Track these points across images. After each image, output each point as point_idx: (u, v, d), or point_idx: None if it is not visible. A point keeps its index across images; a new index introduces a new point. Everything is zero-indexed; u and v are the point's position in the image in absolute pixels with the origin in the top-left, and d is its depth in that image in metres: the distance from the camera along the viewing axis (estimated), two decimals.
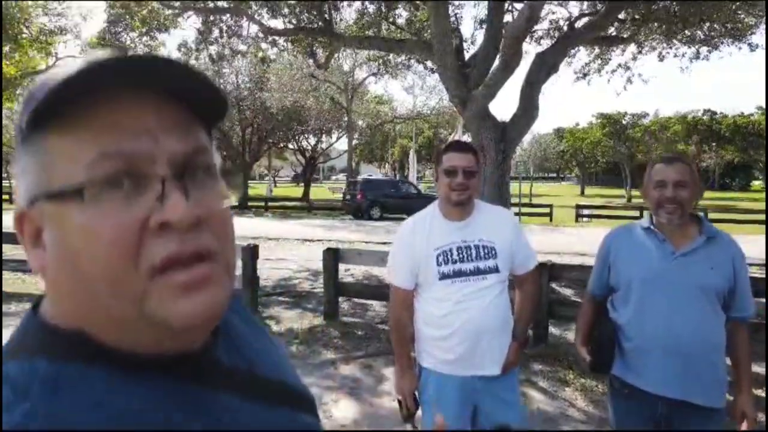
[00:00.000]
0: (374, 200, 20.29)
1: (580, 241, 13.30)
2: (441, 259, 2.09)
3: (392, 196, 20.69)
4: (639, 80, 10.80)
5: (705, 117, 44.70)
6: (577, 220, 20.50)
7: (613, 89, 12.36)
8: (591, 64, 10.28)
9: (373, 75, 21.42)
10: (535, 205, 23.78)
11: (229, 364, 0.58)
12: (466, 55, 7.66)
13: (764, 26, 8.39)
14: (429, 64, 10.03)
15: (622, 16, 8.07)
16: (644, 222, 2.07)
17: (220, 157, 0.57)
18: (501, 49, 6.46)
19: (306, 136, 29.88)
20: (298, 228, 16.35)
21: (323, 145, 31.93)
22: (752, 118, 43.23)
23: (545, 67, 6.89)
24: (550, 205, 21.42)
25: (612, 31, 8.60)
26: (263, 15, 9.07)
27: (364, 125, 33.02)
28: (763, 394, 3.96)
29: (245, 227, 14.17)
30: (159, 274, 0.47)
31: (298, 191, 33.40)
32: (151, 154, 0.48)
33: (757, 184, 59.20)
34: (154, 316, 0.48)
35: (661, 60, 9.87)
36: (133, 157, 0.47)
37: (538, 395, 4.10)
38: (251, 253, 6.15)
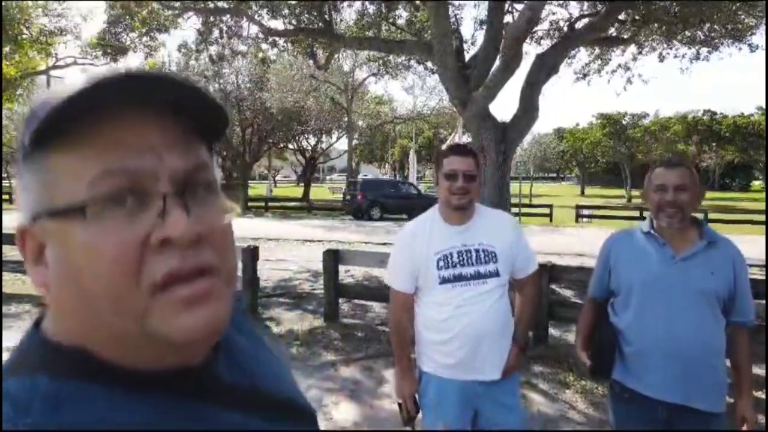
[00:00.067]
0: (374, 200, 20.27)
1: (580, 241, 13.30)
2: (441, 264, 2.08)
3: (392, 196, 20.68)
4: (639, 81, 10.82)
5: (705, 117, 44.68)
6: (577, 221, 20.45)
7: (613, 90, 12.36)
8: (591, 65, 10.28)
9: (373, 75, 21.44)
10: (535, 205, 23.76)
11: (231, 380, 0.58)
12: (467, 56, 7.65)
13: (764, 27, 8.39)
14: (429, 65, 10.03)
15: (622, 17, 8.06)
16: (644, 226, 2.07)
17: (221, 172, 0.57)
18: (501, 50, 6.45)
19: (306, 136, 29.89)
20: (298, 228, 16.35)
21: (323, 146, 31.94)
22: (752, 118, 43.21)
23: (545, 68, 6.88)
24: (550, 206, 21.38)
25: (612, 31, 8.59)
26: (263, 16, 9.07)
27: (364, 125, 33.01)
28: (764, 396, 3.96)
29: (245, 228, 14.16)
30: (161, 290, 0.47)
31: (298, 191, 33.41)
32: (154, 171, 0.48)
33: (757, 184, 59.19)
34: (156, 332, 0.48)
35: (662, 61, 9.86)
36: (136, 174, 0.48)
37: (538, 397, 4.10)
38: (251, 255, 6.16)
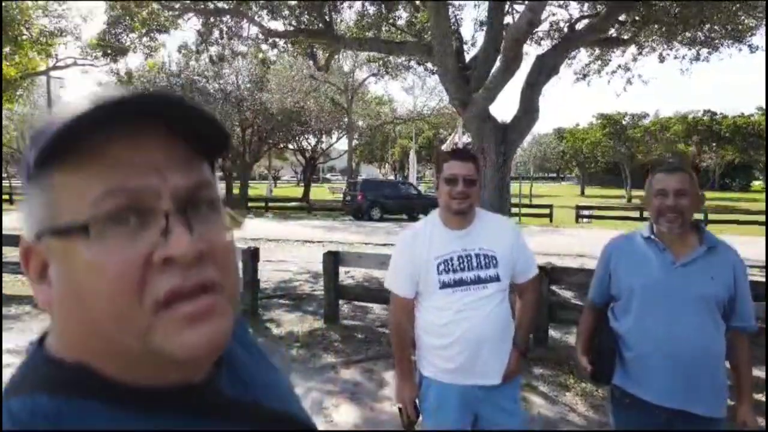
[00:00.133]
0: (374, 201, 20.27)
1: (580, 242, 13.30)
2: (442, 268, 2.08)
3: (392, 196, 20.68)
4: (639, 81, 10.79)
5: (705, 117, 44.64)
6: (577, 221, 20.44)
7: (613, 90, 12.36)
8: (591, 65, 10.29)
9: (373, 76, 21.44)
10: (535, 205, 23.75)
11: (233, 395, 0.58)
12: (467, 57, 7.65)
13: (764, 28, 8.39)
14: (429, 66, 10.03)
15: (622, 17, 8.06)
16: (645, 231, 2.07)
17: (223, 190, 0.57)
18: (502, 52, 6.45)
19: (306, 136, 29.89)
20: (299, 229, 16.35)
21: (323, 146, 31.94)
22: (752, 118, 43.18)
23: (545, 69, 6.89)
24: (550, 206, 21.39)
25: (612, 32, 8.59)
26: (263, 17, 9.07)
27: (365, 126, 33.02)
28: (763, 399, 3.96)
29: (245, 228, 14.06)
30: (163, 308, 0.48)
31: (298, 191, 33.41)
32: (156, 190, 0.49)
33: (757, 184, 59.21)
34: (159, 349, 0.48)
35: (662, 61, 9.86)
36: (138, 193, 0.48)
37: (538, 400, 4.09)
38: (252, 256, 6.17)
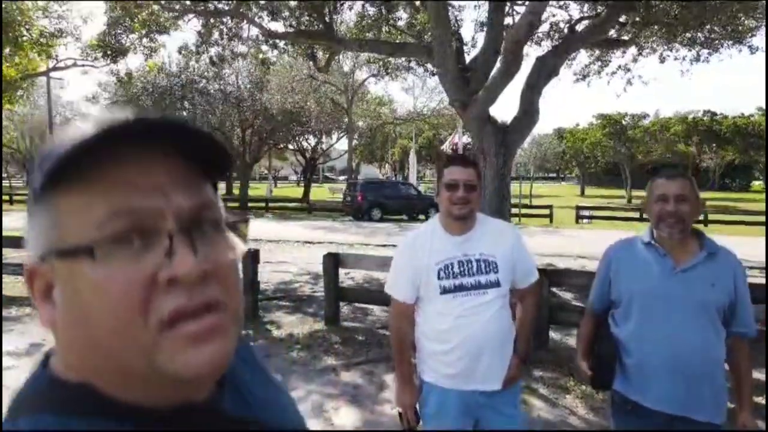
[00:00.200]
0: (374, 201, 20.27)
1: (581, 242, 13.29)
2: (442, 274, 2.08)
3: (392, 197, 20.68)
4: (639, 82, 10.80)
5: (705, 118, 44.64)
6: (577, 222, 20.42)
7: (613, 91, 12.37)
8: (591, 66, 10.29)
9: (374, 76, 21.42)
10: (535, 206, 23.72)
11: (235, 414, 0.58)
12: (467, 59, 7.65)
13: (764, 29, 8.40)
14: (429, 67, 10.03)
15: (622, 18, 8.06)
16: (645, 237, 2.07)
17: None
18: (502, 53, 6.45)
19: (306, 137, 29.91)
20: (299, 229, 16.35)
21: (323, 146, 31.96)
22: (752, 119, 43.18)
23: (545, 70, 6.88)
24: (550, 206, 21.37)
25: (612, 33, 8.59)
26: (263, 18, 9.07)
27: (365, 126, 33.03)
28: (763, 402, 3.96)
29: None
30: (168, 327, 0.48)
31: (298, 192, 33.41)
32: (160, 211, 0.49)
33: (757, 184, 59.16)
34: (163, 368, 0.48)
35: (662, 62, 9.87)
36: (143, 214, 0.48)
37: (538, 402, 4.10)
38: (252, 257, 6.17)
